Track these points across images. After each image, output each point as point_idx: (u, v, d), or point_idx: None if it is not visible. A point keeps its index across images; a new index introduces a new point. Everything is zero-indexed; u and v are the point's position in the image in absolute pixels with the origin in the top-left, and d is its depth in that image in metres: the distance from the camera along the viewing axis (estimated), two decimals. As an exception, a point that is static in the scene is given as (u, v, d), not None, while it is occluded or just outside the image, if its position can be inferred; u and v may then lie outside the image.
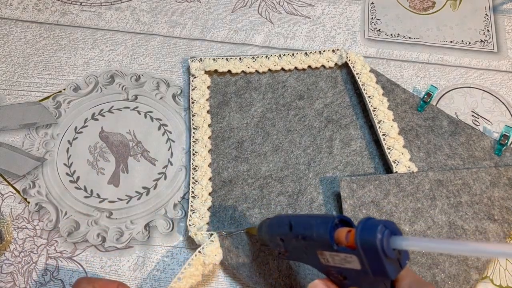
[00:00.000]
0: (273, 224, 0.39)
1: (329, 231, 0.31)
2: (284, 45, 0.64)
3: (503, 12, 0.68)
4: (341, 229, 0.31)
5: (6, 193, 0.53)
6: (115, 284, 0.41)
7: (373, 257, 0.28)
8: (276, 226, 0.38)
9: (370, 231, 0.28)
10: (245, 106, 0.58)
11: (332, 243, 0.31)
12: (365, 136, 0.56)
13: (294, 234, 0.35)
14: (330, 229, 0.31)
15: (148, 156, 0.56)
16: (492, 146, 0.54)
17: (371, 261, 0.29)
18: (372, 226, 0.28)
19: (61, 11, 0.66)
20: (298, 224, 0.35)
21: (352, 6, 0.68)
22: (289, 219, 0.36)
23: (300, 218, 0.36)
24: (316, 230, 0.32)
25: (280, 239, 0.37)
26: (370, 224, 0.29)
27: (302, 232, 0.34)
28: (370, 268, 0.29)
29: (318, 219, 0.33)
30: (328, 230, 0.31)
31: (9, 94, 0.59)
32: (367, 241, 0.28)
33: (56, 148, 0.56)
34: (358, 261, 0.30)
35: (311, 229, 0.33)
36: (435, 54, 0.64)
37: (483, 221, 0.48)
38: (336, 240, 0.31)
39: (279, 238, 0.37)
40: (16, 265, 0.49)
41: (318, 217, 0.34)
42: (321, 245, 0.32)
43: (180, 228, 0.51)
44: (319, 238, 0.32)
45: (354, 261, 0.30)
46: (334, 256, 0.32)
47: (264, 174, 0.53)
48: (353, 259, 0.30)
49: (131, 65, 0.62)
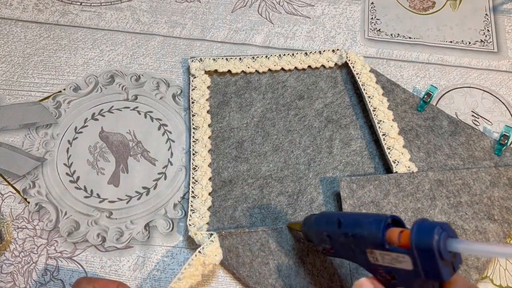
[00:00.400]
0: (321, 220, 0.39)
1: (382, 230, 0.32)
2: (284, 45, 0.64)
3: (503, 12, 0.68)
4: (393, 229, 0.32)
5: (6, 193, 0.53)
6: (115, 284, 0.41)
7: (427, 258, 0.28)
8: (323, 223, 0.38)
9: (427, 232, 0.28)
10: (245, 106, 0.58)
11: (384, 242, 0.31)
12: (365, 136, 0.56)
13: (342, 231, 0.35)
14: (383, 228, 0.32)
15: (148, 156, 0.56)
16: (492, 146, 0.54)
17: (425, 262, 0.29)
18: (428, 227, 0.28)
19: (61, 11, 0.66)
20: (347, 221, 0.35)
21: (352, 6, 0.68)
22: (338, 216, 0.36)
23: (350, 215, 0.36)
24: (367, 228, 0.33)
25: (327, 235, 0.37)
26: (426, 225, 0.29)
27: (352, 229, 0.34)
28: (423, 270, 0.29)
29: (370, 218, 0.33)
30: (381, 229, 0.32)
31: (9, 94, 0.59)
32: (423, 242, 0.28)
33: (56, 148, 0.56)
34: (411, 262, 0.30)
35: (362, 227, 0.33)
36: (435, 54, 0.64)
37: (483, 221, 0.48)
38: (388, 240, 0.31)
39: (326, 235, 0.37)
40: (16, 265, 0.49)
41: (370, 215, 0.34)
42: (372, 244, 0.32)
43: (180, 228, 0.51)
44: (370, 236, 0.32)
45: (406, 261, 0.30)
46: (385, 255, 0.32)
47: (264, 174, 0.54)
48: (405, 259, 0.30)
49: (131, 65, 0.62)
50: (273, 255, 0.47)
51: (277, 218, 0.51)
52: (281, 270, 0.47)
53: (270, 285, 0.46)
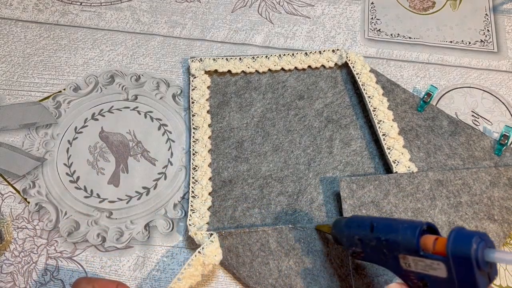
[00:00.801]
0: (352, 223, 0.39)
1: (417, 235, 0.32)
2: (284, 45, 0.64)
3: (503, 12, 0.68)
4: (428, 236, 0.32)
5: (6, 193, 0.53)
6: (115, 284, 0.41)
7: (464, 267, 0.28)
8: (355, 226, 0.38)
9: (465, 240, 0.28)
10: (245, 106, 0.58)
11: (419, 248, 0.31)
12: (365, 136, 0.56)
13: (375, 236, 0.35)
14: (418, 234, 0.32)
15: (148, 156, 0.56)
16: (492, 146, 0.54)
17: (461, 271, 0.28)
18: (466, 236, 0.28)
19: (61, 11, 0.66)
20: (381, 226, 0.35)
21: (352, 6, 0.68)
22: (371, 220, 0.36)
23: (383, 220, 0.36)
24: (402, 233, 0.33)
25: (358, 239, 0.37)
26: (464, 233, 0.29)
27: (385, 234, 0.34)
28: (457, 278, 0.29)
29: (404, 223, 0.33)
30: (416, 234, 0.32)
31: (9, 94, 0.59)
32: (460, 250, 0.28)
33: (56, 148, 0.56)
34: (446, 269, 0.29)
35: (397, 232, 0.33)
36: (435, 54, 0.64)
37: (483, 221, 0.48)
38: (423, 246, 0.31)
39: (357, 238, 0.37)
40: (16, 265, 0.49)
41: (405, 221, 0.34)
42: (405, 249, 0.32)
43: (180, 228, 0.51)
44: (404, 241, 0.32)
45: (440, 269, 0.30)
46: (418, 262, 0.32)
47: (264, 174, 0.54)
48: (439, 267, 0.30)
49: (131, 65, 0.62)
50: (273, 255, 0.47)
51: (277, 218, 0.51)
52: (281, 270, 0.47)
53: (270, 285, 0.46)
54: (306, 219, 0.51)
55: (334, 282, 0.46)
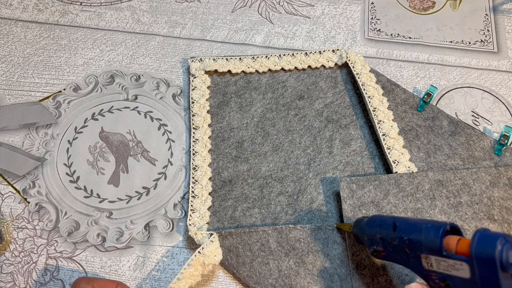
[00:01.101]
0: (374, 222, 0.39)
1: (440, 235, 0.32)
2: (284, 45, 0.64)
3: (503, 12, 0.68)
4: (451, 236, 0.32)
5: (6, 193, 0.53)
6: (114, 284, 0.41)
7: (488, 268, 0.28)
8: (377, 225, 0.38)
9: (489, 241, 0.28)
10: (245, 106, 0.58)
11: (442, 248, 0.31)
12: (365, 136, 0.56)
13: (398, 235, 0.35)
14: (442, 234, 0.32)
15: (148, 156, 0.56)
16: (492, 146, 0.54)
17: (484, 272, 0.28)
18: (491, 237, 0.28)
19: (61, 11, 0.66)
20: (404, 225, 0.36)
21: (352, 6, 0.68)
22: (394, 219, 0.37)
23: (406, 220, 0.36)
24: (425, 233, 0.33)
25: (380, 238, 0.37)
26: (489, 234, 0.29)
27: (408, 234, 0.35)
28: (480, 280, 0.29)
29: (428, 223, 0.34)
30: (439, 234, 0.32)
31: (9, 94, 0.59)
32: (484, 251, 0.28)
33: (56, 148, 0.56)
34: (469, 270, 0.30)
35: (420, 232, 0.33)
36: (435, 54, 0.64)
37: (483, 221, 0.48)
38: (446, 246, 0.32)
39: (379, 237, 0.38)
40: (16, 265, 0.49)
41: (428, 221, 0.34)
42: (428, 249, 0.33)
43: (180, 228, 0.51)
44: (427, 241, 0.33)
45: (463, 269, 0.30)
46: (441, 262, 0.32)
47: (264, 174, 0.54)
48: (462, 267, 0.30)
49: (131, 65, 0.62)
50: (273, 255, 0.47)
51: (277, 218, 0.51)
52: (281, 270, 0.47)
53: (270, 285, 0.46)
54: (306, 219, 0.51)
55: (334, 282, 0.46)
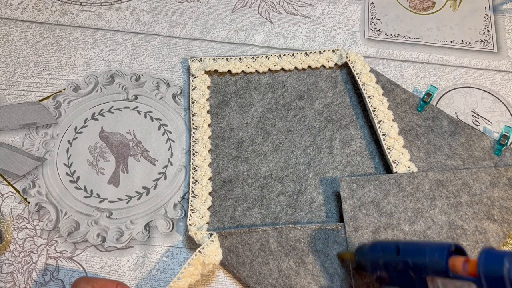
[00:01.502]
0: (377, 247, 0.39)
1: (446, 257, 0.32)
2: (284, 45, 0.64)
3: (503, 12, 0.68)
4: (456, 257, 0.32)
5: (6, 193, 0.53)
6: (114, 283, 0.41)
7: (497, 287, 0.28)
8: (380, 250, 0.38)
9: (496, 260, 0.28)
10: (245, 106, 0.58)
11: (448, 270, 0.31)
12: (365, 136, 0.56)
13: (401, 259, 0.35)
14: (447, 256, 0.32)
15: (148, 156, 0.56)
16: (492, 146, 0.54)
17: None
18: (497, 256, 0.29)
19: (61, 11, 0.66)
20: (407, 249, 0.35)
21: (352, 6, 0.68)
22: (397, 243, 0.36)
23: (409, 243, 0.36)
24: (430, 255, 0.33)
25: (383, 263, 0.37)
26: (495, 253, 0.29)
27: (412, 257, 0.34)
28: None
29: (432, 245, 0.33)
30: (444, 256, 0.32)
31: (9, 94, 0.59)
32: (493, 270, 0.28)
33: (56, 148, 0.56)
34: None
35: (424, 255, 0.33)
36: (435, 54, 0.64)
37: (483, 221, 0.48)
38: (451, 267, 0.31)
39: (383, 262, 0.37)
40: (16, 265, 0.49)
41: (431, 243, 0.34)
42: (434, 272, 0.32)
43: (180, 228, 0.51)
44: (433, 264, 0.32)
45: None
46: (448, 283, 0.32)
47: (264, 174, 0.54)
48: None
49: (131, 65, 0.62)
50: (273, 255, 0.47)
51: (277, 218, 0.51)
52: (281, 270, 0.47)
53: (270, 285, 0.46)
54: (306, 219, 0.51)
55: (334, 282, 0.46)
